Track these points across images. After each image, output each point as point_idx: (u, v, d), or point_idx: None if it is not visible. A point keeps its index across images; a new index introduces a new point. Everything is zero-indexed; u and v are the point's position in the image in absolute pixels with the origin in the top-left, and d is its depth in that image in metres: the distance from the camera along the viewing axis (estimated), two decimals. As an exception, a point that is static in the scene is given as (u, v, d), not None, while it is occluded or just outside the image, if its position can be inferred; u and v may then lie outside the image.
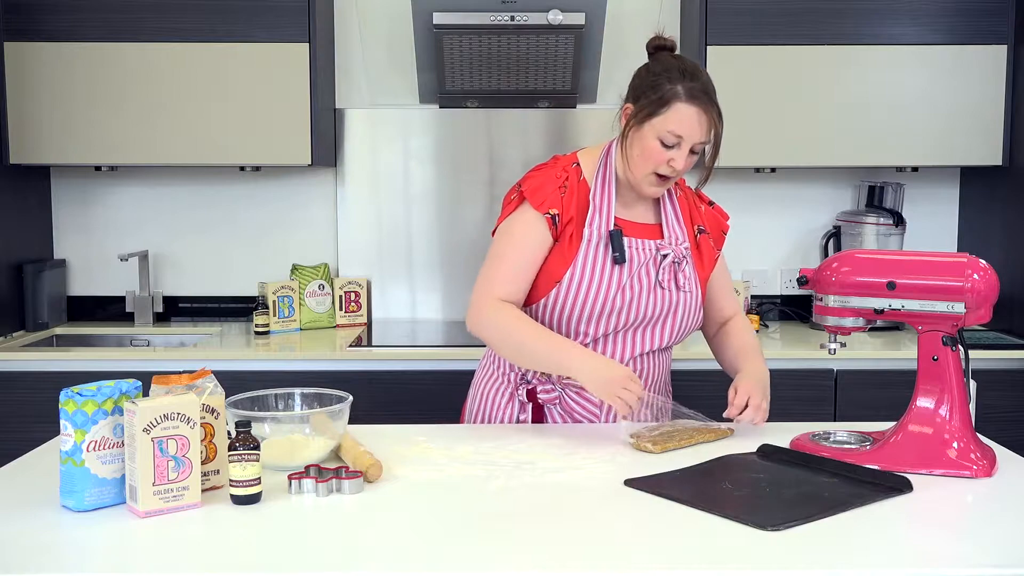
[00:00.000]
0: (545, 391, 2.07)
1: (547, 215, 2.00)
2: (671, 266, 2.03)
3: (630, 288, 1.99)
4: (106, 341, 3.34)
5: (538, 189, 2.02)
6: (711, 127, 1.94)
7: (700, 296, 2.07)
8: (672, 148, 1.94)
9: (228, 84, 3.13)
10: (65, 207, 3.51)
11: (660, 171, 1.96)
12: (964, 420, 1.74)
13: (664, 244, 2.04)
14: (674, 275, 2.03)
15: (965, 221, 3.53)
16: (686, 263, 2.05)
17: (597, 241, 2.00)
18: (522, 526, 1.46)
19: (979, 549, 1.39)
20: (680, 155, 1.94)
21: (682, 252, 2.05)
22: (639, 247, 2.02)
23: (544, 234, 2.00)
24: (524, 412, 2.09)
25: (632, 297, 1.99)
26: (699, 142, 1.94)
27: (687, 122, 1.92)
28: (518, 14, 3.02)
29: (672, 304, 2.03)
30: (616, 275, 1.99)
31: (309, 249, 3.54)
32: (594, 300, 1.99)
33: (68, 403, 1.50)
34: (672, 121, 1.92)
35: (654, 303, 2.01)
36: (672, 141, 1.93)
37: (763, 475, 1.69)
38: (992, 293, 1.72)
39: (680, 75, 1.93)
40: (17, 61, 3.12)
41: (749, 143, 3.19)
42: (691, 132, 1.92)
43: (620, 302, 1.99)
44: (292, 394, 1.86)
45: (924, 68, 3.16)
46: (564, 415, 2.08)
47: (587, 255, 1.99)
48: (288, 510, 1.54)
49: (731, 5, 3.14)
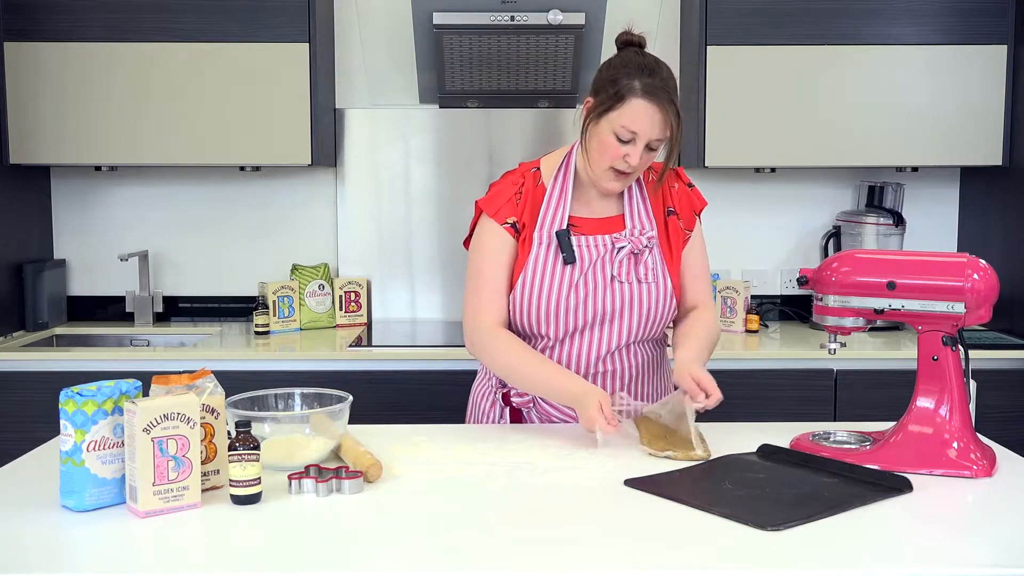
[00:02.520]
0: (518, 394, 2.07)
1: (506, 224, 2.02)
2: (629, 258, 2.00)
3: (583, 286, 1.99)
4: (106, 341, 3.34)
5: (492, 199, 2.05)
6: (667, 124, 1.92)
7: (668, 286, 2.03)
8: (627, 143, 1.93)
9: (228, 84, 3.13)
10: (65, 207, 3.51)
11: (616, 166, 1.95)
12: (964, 420, 1.74)
13: (621, 237, 2.02)
14: (633, 267, 2.00)
15: (965, 221, 3.53)
16: (648, 254, 2.02)
17: (547, 243, 2.00)
18: (522, 526, 1.46)
19: (979, 549, 1.39)
20: (635, 151, 1.93)
21: (643, 243, 2.01)
22: (591, 244, 2.01)
23: (509, 242, 2.03)
24: (503, 417, 2.10)
25: (586, 295, 1.98)
26: (655, 139, 1.93)
27: (641, 118, 1.91)
28: (518, 14, 3.02)
29: (632, 297, 2.00)
30: (568, 274, 1.99)
31: (309, 249, 3.54)
32: (547, 302, 1.98)
33: (68, 403, 1.50)
34: (626, 116, 1.91)
35: (611, 298, 1.99)
36: (627, 136, 1.93)
37: (763, 475, 1.69)
38: (992, 293, 1.72)
39: (638, 71, 1.92)
40: (17, 61, 3.12)
41: (749, 143, 3.19)
42: (645, 128, 1.91)
43: (574, 301, 1.98)
44: (292, 394, 1.86)
45: (924, 68, 3.16)
46: (541, 417, 2.08)
47: (537, 258, 2.00)
48: (288, 510, 1.54)
49: (731, 5, 3.14)
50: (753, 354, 2.99)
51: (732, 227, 3.55)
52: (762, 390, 2.93)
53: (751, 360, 2.97)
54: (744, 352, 3.00)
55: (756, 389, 2.93)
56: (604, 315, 2.00)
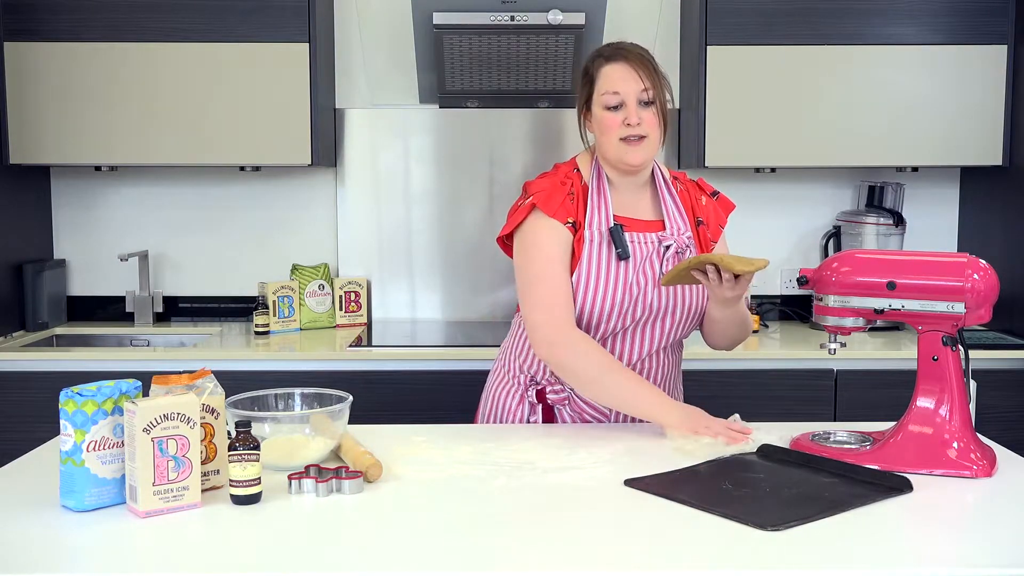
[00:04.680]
0: (554, 391, 2.07)
1: (567, 223, 2.01)
2: (675, 256, 2.03)
3: (637, 283, 2.00)
4: (106, 341, 3.34)
5: (550, 198, 2.02)
6: (646, 74, 1.97)
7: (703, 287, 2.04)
8: (619, 109, 1.97)
9: (228, 84, 3.13)
10: (65, 207, 3.51)
11: (622, 134, 1.97)
12: (964, 420, 1.74)
13: (666, 235, 2.04)
14: None
15: (965, 221, 3.53)
16: (689, 252, 2.05)
17: (600, 240, 2.00)
18: (522, 526, 1.46)
19: (979, 549, 1.39)
20: (630, 111, 1.96)
21: (685, 241, 2.05)
22: (642, 240, 2.02)
23: (569, 240, 2.01)
24: (535, 414, 2.09)
25: (640, 291, 2.00)
26: (642, 90, 1.96)
27: (616, 77, 1.97)
28: (518, 14, 3.02)
29: (678, 295, 2.02)
30: (622, 272, 2.00)
31: (309, 249, 3.54)
32: (603, 299, 1.99)
33: (68, 403, 1.50)
34: (604, 85, 1.98)
35: (660, 295, 2.01)
36: (614, 101, 1.97)
37: (763, 475, 1.69)
38: (992, 293, 1.72)
39: (599, 50, 2.04)
40: (17, 61, 3.12)
41: (749, 143, 3.19)
42: (625, 85, 1.96)
43: (629, 298, 1.99)
44: (292, 394, 1.86)
45: (924, 68, 3.16)
46: (574, 415, 2.08)
47: (591, 255, 2.00)
48: (288, 510, 1.54)
49: (731, 5, 3.14)
50: (753, 354, 2.99)
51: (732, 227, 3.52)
52: (762, 390, 2.93)
53: (751, 360, 2.97)
54: (744, 352, 3.00)
55: (756, 389, 2.93)
56: (654, 312, 2.02)
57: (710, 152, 3.19)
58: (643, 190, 2.09)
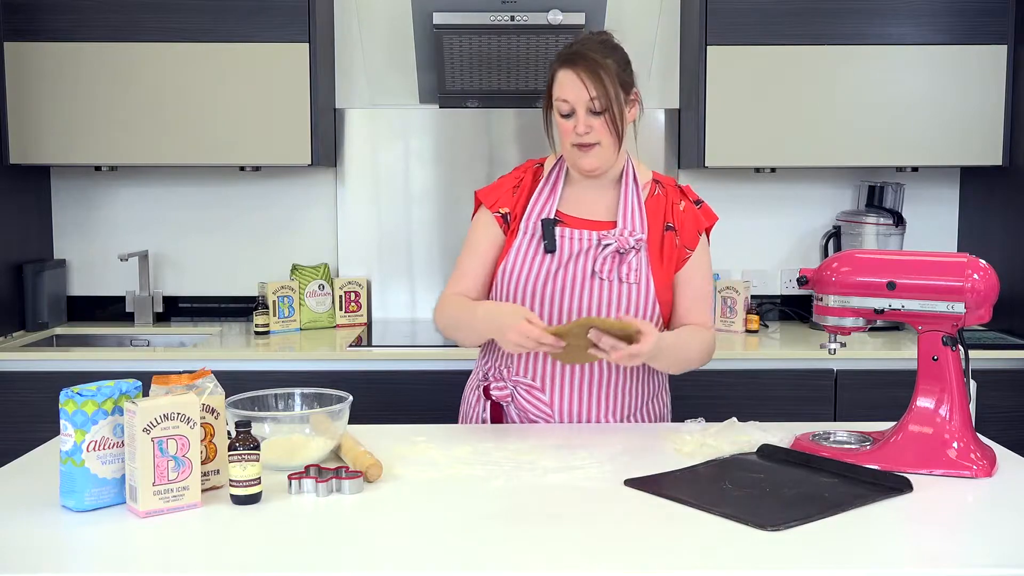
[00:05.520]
0: (498, 388, 2.07)
1: (497, 213, 2.06)
2: (613, 256, 1.98)
3: (562, 278, 1.98)
4: (106, 341, 3.34)
5: (491, 191, 2.11)
6: (595, 83, 1.93)
7: (651, 291, 1.99)
8: (570, 116, 1.97)
9: (228, 84, 3.13)
10: (65, 207, 3.51)
11: (574, 141, 1.98)
12: (964, 420, 1.74)
13: (608, 235, 2.00)
14: (616, 266, 1.98)
15: (965, 221, 3.53)
16: (634, 255, 1.99)
17: (533, 233, 2.02)
18: (522, 526, 1.46)
19: (979, 549, 1.39)
20: (579, 120, 1.96)
21: (630, 243, 1.99)
22: (576, 236, 2.01)
23: (494, 230, 2.07)
24: (485, 411, 2.10)
25: (564, 287, 1.98)
26: (590, 99, 1.94)
27: (566, 85, 1.96)
28: (518, 14, 3.02)
29: (612, 296, 1.98)
30: (546, 264, 1.99)
31: (309, 249, 3.54)
32: (523, 289, 1.99)
33: (68, 403, 1.50)
34: (557, 91, 1.98)
35: (590, 294, 1.98)
36: (566, 109, 1.97)
37: (763, 475, 1.69)
38: (992, 293, 1.72)
39: (562, 50, 2.01)
40: (17, 61, 3.12)
41: (749, 143, 3.19)
42: (574, 94, 1.95)
43: (551, 291, 1.98)
44: (292, 394, 1.86)
45: (924, 68, 3.16)
46: (520, 414, 2.05)
47: (520, 245, 2.02)
48: (288, 510, 1.54)
49: (731, 5, 3.14)
50: (753, 354, 2.99)
51: (732, 227, 3.54)
52: (762, 390, 2.93)
53: (751, 360, 2.97)
54: (744, 352, 3.00)
55: (756, 389, 2.93)
56: (580, 310, 1.98)
57: (710, 152, 3.19)
58: (607, 189, 2.07)
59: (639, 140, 2.14)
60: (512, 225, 2.05)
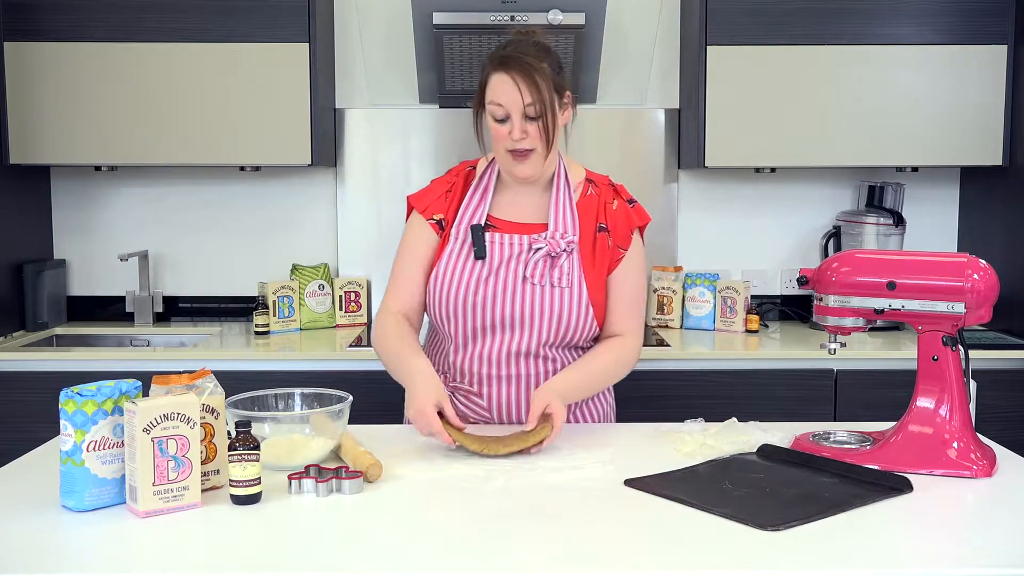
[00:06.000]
0: None
1: (431, 220, 2.04)
2: (544, 260, 1.97)
3: (493, 283, 1.97)
4: (106, 341, 3.34)
5: (423, 196, 2.08)
6: (530, 89, 1.89)
7: (584, 294, 1.98)
8: (504, 121, 1.93)
9: (228, 84, 3.13)
10: (65, 207, 3.51)
11: (508, 147, 1.95)
12: (964, 420, 1.74)
13: (539, 239, 1.98)
14: (548, 270, 1.97)
15: (965, 221, 3.53)
16: (565, 258, 1.99)
17: (464, 239, 2.01)
18: (522, 526, 1.46)
19: (979, 549, 1.39)
20: (515, 126, 1.92)
21: (561, 246, 1.98)
22: (507, 242, 2.00)
23: (429, 236, 2.04)
24: None
25: (495, 292, 1.97)
26: (527, 104, 1.90)
27: (500, 89, 1.91)
28: (518, 14, 3.02)
29: (544, 300, 1.96)
30: (477, 270, 1.98)
31: (309, 249, 3.54)
32: (455, 296, 1.98)
33: (68, 403, 1.50)
34: (490, 94, 1.93)
35: (522, 299, 1.97)
36: (500, 114, 1.93)
37: (763, 475, 1.69)
38: (992, 293, 1.72)
39: (495, 52, 1.96)
40: (17, 61, 3.12)
41: (749, 143, 3.19)
42: (509, 99, 1.90)
43: (482, 297, 1.97)
44: (292, 394, 1.86)
45: (924, 68, 3.16)
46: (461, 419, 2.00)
47: (451, 252, 2.01)
48: (288, 510, 1.54)
49: (731, 5, 3.14)
50: (753, 354, 2.99)
51: (732, 227, 3.55)
52: (762, 390, 2.93)
53: (751, 360, 2.97)
54: (744, 352, 3.00)
55: (756, 389, 2.93)
56: (514, 316, 1.97)
57: (710, 152, 3.19)
58: (538, 191, 2.05)
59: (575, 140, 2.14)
60: (446, 231, 2.03)
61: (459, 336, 2.01)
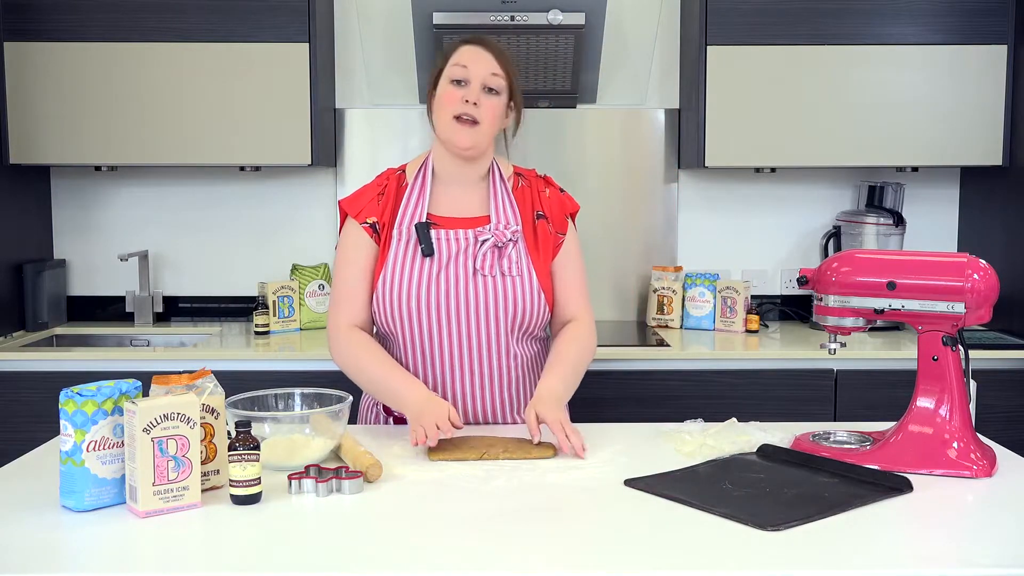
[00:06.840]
0: None
1: (365, 224, 2.03)
2: (492, 251, 1.98)
3: (444, 279, 1.97)
4: (106, 341, 3.34)
5: (354, 201, 2.07)
6: (501, 63, 2.00)
7: (535, 281, 2.00)
8: (462, 85, 1.98)
9: (228, 84, 3.13)
10: (65, 207, 3.51)
11: (456, 111, 1.97)
12: (964, 420, 1.74)
13: (484, 231, 2.00)
14: (497, 260, 1.98)
15: (965, 221, 3.53)
16: (512, 247, 2.00)
17: (408, 239, 2.00)
18: (522, 526, 1.46)
19: (979, 549, 1.39)
20: (472, 90, 1.97)
21: (507, 236, 2.00)
22: (452, 237, 2.00)
23: (367, 242, 2.02)
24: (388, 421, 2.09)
25: (448, 288, 1.97)
26: (491, 74, 1.98)
27: (469, 56, 2.00)
28: (518, 14, 3.02)
29: (497, 291, 1.97)
30: (427, 268, 1.98)
31: (309, 249, 3.54)
32: (407, 297, 1.97)
33: (68, 403, 1.50)
34: (455, 59, 2.00)
35: (475, 292, 1.97)
36: (460, 75, 1.98)
37: (763, 475, 1.69)
38: (992, 293, 1.72)
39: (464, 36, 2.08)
40: (17, 61, 3.12)
41: (749, 143, 3.19)
42: (475, 65, 1.98)
43: (435, 294, 1.97)
44: (292, 394, 1.86)
45: (924, 68, 3.17)
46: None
47: (396, 253, 2.00)
48: (288, 510, 1.54)
49: (731, 5, 3.14)
50: (753, 354, 2.99)
51: (732, 227, 3.55)
52: (762, 390, 2.93)
53: (751, 360, 2.97)
54: (744, 352, 3.00)
55: (756, 389, 2.93)
56: (468, 310, 1.97)
57: (710, 152, 3.19)
58: (475, 186, 2.07)
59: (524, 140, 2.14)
60: (383, 234, 2.02)
61: (415, 338, 1.99)
